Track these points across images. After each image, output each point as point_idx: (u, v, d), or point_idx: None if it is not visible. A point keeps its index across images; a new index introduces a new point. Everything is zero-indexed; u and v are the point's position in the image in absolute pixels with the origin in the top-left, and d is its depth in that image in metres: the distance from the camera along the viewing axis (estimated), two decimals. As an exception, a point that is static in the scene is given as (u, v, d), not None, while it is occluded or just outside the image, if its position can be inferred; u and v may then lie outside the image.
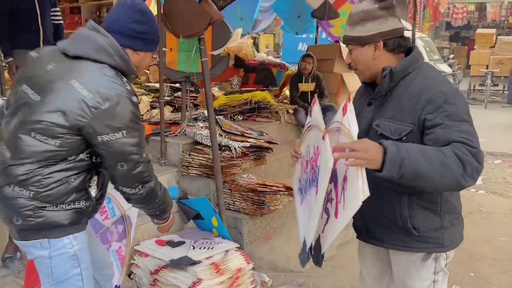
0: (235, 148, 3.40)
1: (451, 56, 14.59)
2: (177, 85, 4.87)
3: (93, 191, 1.55)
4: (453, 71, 11.90)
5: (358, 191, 1.19)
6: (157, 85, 4.60)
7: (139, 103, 1.66)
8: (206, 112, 3.55)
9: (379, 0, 1.51)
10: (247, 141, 3.57)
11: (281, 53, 12.73)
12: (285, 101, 5.37)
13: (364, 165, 1.24)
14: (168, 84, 5.13)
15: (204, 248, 2.83)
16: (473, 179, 1.36)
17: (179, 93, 4.69)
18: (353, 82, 5.41)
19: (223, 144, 3.43)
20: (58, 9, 4.21)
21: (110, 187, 1.64)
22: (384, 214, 1.56)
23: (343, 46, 5.44)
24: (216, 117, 3.94)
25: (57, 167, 1.46)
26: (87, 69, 1.44)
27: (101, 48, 1.46)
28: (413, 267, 1.59)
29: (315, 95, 1.96)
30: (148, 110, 4.61)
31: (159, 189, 1.65)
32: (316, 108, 1.61)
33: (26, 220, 1.45)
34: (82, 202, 1.53)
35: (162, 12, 2.92)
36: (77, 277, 1.54)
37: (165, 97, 4.94)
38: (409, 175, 1.29)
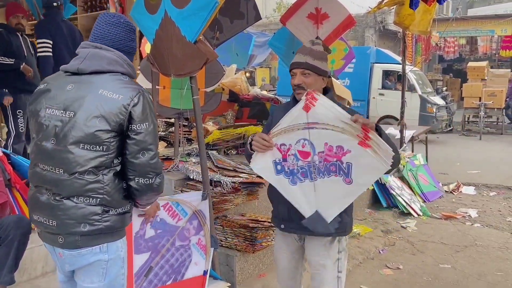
0: (226, 184, 3.41)
1: (445, 88, 14.83)
2: (172, 120, 4.93)
3: None
4: (447, 103, 12.07)
5: (377, 163, 1.77)
6: (152, 120, 4.64)
7: None
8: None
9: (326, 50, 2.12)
10: (239, 176, 3.58)
11: (277, 86, 12.97)
12: (278, 135, 5.41)
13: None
14: (162, 119, 5.18)
15: None
16: None
17: (173, 128, 4.74)
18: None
19: (215, 179, 3.44)
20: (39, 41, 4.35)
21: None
22: None
23: (334, 80, 5.55)
24: (209, 152, 3.98)
25: (110, 172, 1.67)
26: (107, 80, 1.69)
27: (113, 61, 1.72)
28: (324, 249, 2.10)
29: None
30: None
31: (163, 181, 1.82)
32: (322, 104, 1.88)
33: (93, 225, 1.63)
34: (130, 205, 1.80)
35: (150, 52, 2.96)
36: (122, 276, 1.78)
37: (159, 132, 4.99)
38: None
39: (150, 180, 1.70)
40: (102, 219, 1.64)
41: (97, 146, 1.63)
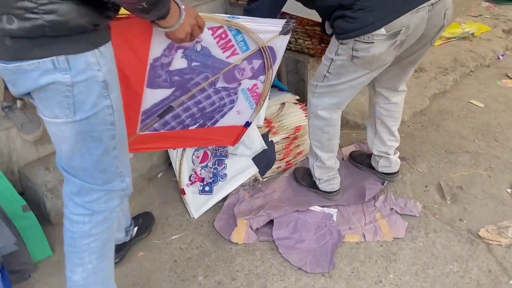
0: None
1: None
2: None
3: None
4: None
5: None
6: None
7: None
8: None
9: None
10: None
11: None
12: None
13: None
14: None
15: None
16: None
17: None
18: None
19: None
20: None
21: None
22: None
23: None
24: None
25: None
26: None
27: None
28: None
29: None
30: None
31: None
32: None
33: (25, 20, 0.91)
34: None
35: None
36: (107, 110, 1.09)
37: None
38: None
39: None
40: (40, 7, 0.90)
41: None
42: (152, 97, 1.51)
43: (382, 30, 1.43)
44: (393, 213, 1.88)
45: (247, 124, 1.85)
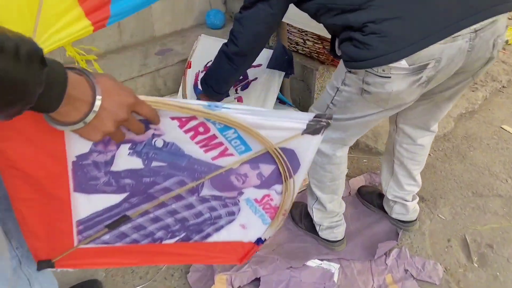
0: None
1: None
2: None
3: None
4: None
5: None
6: None
7: None
8: None
9: None
10: None
11: None
12: None
13: None
14: None
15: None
16: (233, 44, 1.37)
17: None
18: None
19: None
20: None
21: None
22: None
23: None
24: None
25: None
26: None
27: None
28: (337, 70, 1.41)
29: None
30: None
31: None
32: None
33: None
34: None
35: None
36: None
37: None
38: (214, 84, 1.54)
39: None
40: None
41: None
42: (89, 204, 1.01)
43: (403, 63, 1.03)
44: (408, 277, 1.54)
45: (260, 241, 1.24)
